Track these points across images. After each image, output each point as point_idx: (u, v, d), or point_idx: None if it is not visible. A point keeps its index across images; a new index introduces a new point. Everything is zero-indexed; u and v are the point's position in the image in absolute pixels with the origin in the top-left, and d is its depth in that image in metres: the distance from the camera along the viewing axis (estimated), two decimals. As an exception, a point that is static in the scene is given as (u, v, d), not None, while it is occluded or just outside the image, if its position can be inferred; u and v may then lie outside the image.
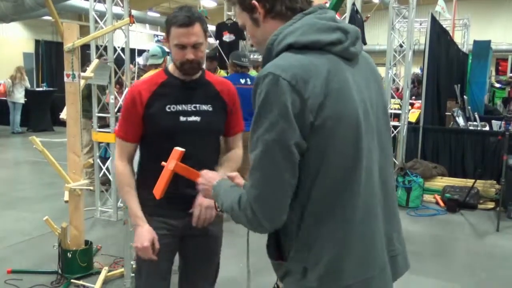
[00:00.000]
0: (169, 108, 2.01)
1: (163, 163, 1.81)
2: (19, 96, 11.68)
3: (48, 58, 14.18)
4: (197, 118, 2.04)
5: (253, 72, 6.50)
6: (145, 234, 2.01)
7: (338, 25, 1.31)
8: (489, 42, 9.19)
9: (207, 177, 1.60)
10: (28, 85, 12.07)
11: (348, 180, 1.26)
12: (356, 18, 5.49)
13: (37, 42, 14.80)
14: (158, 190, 1.79)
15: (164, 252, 2.09)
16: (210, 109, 2.07)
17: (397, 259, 1.40)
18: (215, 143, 2.16)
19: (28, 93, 11.93)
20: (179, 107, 2.02)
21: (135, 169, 2.17)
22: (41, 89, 12.71)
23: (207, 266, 2.22)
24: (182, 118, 2.02)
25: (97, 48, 5.14)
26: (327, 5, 3.00)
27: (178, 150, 1.80)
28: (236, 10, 1.45)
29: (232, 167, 2.14)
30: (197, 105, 2.05)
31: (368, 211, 1.31)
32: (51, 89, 12.67)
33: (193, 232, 2.11)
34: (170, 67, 2.10)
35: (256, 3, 1.35)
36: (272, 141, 1.20)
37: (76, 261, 3.69)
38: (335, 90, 1.23)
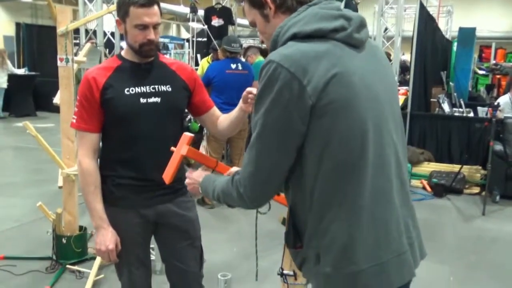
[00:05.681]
0: (128, 91, 1.99)
1: (172, 148, 1.80)
2: (1, 81, 11.31)
3: (29, 42, 13.76)
4: (157, 99, 2.02)
5: (260, 59, 6.36)
6: (110, 236, 2.01)
7: (341, 13, 1.34)
8: (474, 29, 9.27)
9: (192, 176, 1.65)
10: (12, 69, 11.73)
11: (355, 164, 1.27)
12: (351, 4, 5.51)
13: (17, 25, 14.37)
14: (168, 175, 1.77)
15: (139, 241, 2.12)
16: (169, 89, 2.06)
17: (413, 247, 1.39)
18: (177, 123, 2.14)
19: (9, 77, 11.57)
20: (138, 89, 2.00)
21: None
22: (23, 73, 12.38)
23: (189, 250, 2.19)
24: (142, 100, 2.00)
25: (86, 32, 5.08)
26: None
27: (188, 135, 1.79)
28: (244, 8, 1.46)
29: (231, 114, 2.14)
30: (156, 86, 2.04)
31: (381, 196, 1.31)
32: (33, 73, 12.36)
33: (167, 219, 2.12)
34: (124, 52, 2.08)
35: None
36: (269, 124, 1.27)
37: (71, 247, 3.68)
38: (339, 74, 1.24)
